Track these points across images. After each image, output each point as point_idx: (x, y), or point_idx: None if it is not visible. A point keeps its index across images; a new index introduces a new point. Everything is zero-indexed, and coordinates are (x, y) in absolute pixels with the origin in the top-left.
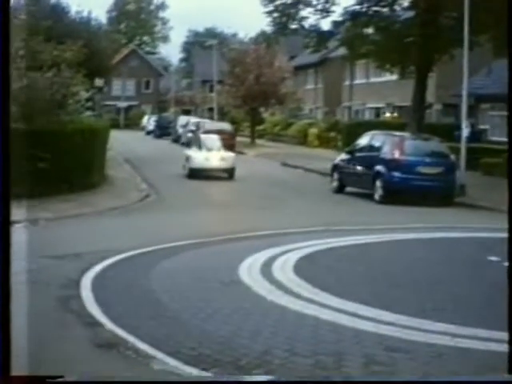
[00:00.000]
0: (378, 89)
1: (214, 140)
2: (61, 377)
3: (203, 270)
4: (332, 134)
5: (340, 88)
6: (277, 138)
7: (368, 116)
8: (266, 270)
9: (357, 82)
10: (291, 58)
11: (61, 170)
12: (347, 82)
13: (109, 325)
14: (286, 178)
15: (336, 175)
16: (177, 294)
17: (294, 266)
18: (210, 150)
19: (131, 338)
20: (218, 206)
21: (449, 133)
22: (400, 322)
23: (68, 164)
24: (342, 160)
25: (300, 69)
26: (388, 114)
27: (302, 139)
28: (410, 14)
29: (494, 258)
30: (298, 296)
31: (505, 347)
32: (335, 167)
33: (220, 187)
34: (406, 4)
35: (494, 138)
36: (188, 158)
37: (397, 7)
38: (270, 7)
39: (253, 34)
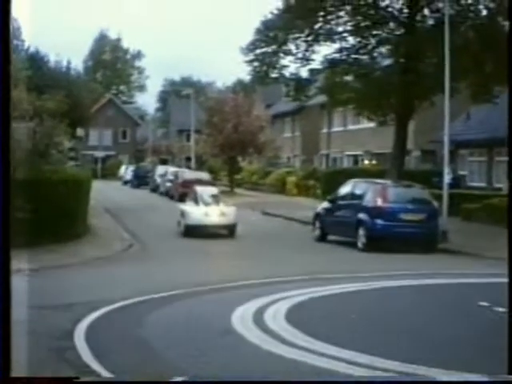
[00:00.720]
0: (356, 136)
1: (212, 193)
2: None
3: (196, 320)
4: (310, 182)
5: (317, 136)
6: (255, 187)
7: (346, 163)
8: (259, 319)
9: (334, 129)
10: (268, 106)
11: (45, 219)
12: (325, 130)
13: (105, 375)
14: (267, 227)
15: (318, 223)
16: (172, 343)
17: (285, 314)
18: (208, 204)
19: None
20: (202, 255)
21: (427, 179)
22: (394, 367)
23: (53, 214)
24: (324, 208)
25: (277, 117)
26: (367, 162)
27: (281, 188)
28: (390, 61)
29: (484, 304)
30: (292, 345)
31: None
32: (317, 215)
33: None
34: (385, 51)
35: (473, 184)
36: (183, 214)
37: (376, 55)
38: (251, 56)
39: (229, 82)
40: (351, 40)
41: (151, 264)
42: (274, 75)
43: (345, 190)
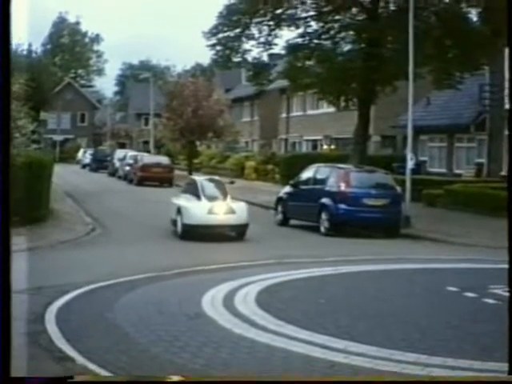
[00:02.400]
0: (315, 121)
1: (217, 185)
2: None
3: (166, 304)
4: (269, 167)
5: (276, 120)
6: (214, 171)
7: (305, 148)
8: (229, 302)
9: (293, 114)
10: (227, 90)
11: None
12: (284, 115)
13: (80, 359)
14: None
15: (280, 208)
16: (144, 327)
17: (255, 299)
18: (212, 198)
19: (104, 372)
20: (164, 239)
21: (388, 164)
22: (370, 352)
23: (17, 197)
24: (287, 193)
25: (236, 101)
26: (325, 146)
27: (239, 172)
28: (353, 46)
29: (453, 289)
30: (264, 329)
31: (473, 374)
32: (279, 200)
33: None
34: (348, 37)
35: (433, 170)
36: (180, 211)
37: (339, 40)
38: (213, 40)
39: (188, 66)
40: (314, 25)
41: (116, 248)
42: (236, 59)
43: (307, 174)
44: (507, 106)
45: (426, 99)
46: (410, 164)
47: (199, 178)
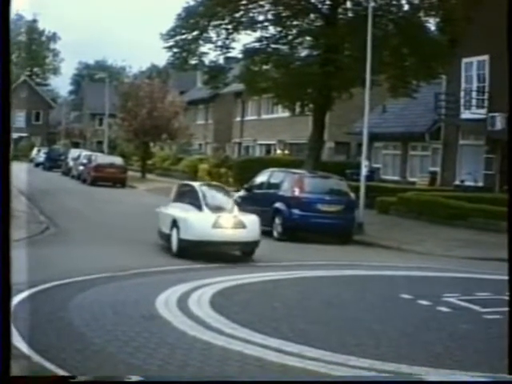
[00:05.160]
0: (270, 125)
1: (221, 193)
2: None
3: (121, 304)
4: (222, 170)
5: (231, 124)
6: (167, 173)
7: (258, 152)
8: (183, 304)
9: (248, 118)
10: (182, 92)
11: None
12: (238, 118)
13: (35, 357)
14: None
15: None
16: (99, 327)
17: (210, 301)
18: (217, 209)
19: (60, 372)
20: (119, 238)
21: (341, 171)
22: (325, 357)
23: None
24: (241, 196)
25: (191, 104)
26: (279, 151)
27: (193, 174)
28: (310, 51)
29: (407, 296)
30: (219, 331)
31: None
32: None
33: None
34: (306, 42)
35: (387, 177)
36: (177, 224)
37: (296, 45)
38: (171, 42)
39: (144, 68)
40: (272, 30)
41: (70, 247)
42: (192, 62)
43: (261, 178)
44: (464, 116)
45: (382, 107)
46: (364, 171)
47: (197, 184)
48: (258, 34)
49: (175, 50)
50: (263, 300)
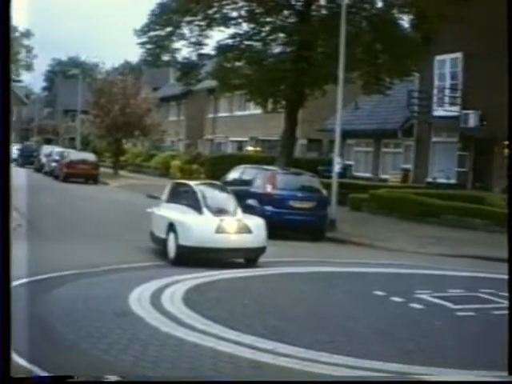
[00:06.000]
0: (242, 122)
1: (222, 194)
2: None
3: (94, 301)
4: (194, 167)
5: (203, 121)
6: (139, 169)
7: (230, 149)
8: (156, 301)
9: (220, 115)
10: (154, 89)
11: None
12: (210, 115)
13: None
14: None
15: None
16: (71, 323)
17: (182, 297)
18: (219, 212)
19: (34, 368)
20: (94, 235)
21: (313, 168)
22: (298, 354)
23: None
24: None
25: (163, 100)
26: (251, 148)
27: (165, 171)
28: (283, 48)
29: (380, 293)
30: (192, 328)
31: (401, 378)
32: None
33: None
34: (279, 39)
35: (359, 174)
36: (175, 228)
37: (270, 42)
38: (144, 38)
39: (117, 64)
40: (245, 26)
41: (44, 244)
42: (165, 58)
43: (234, 175)
44: (436, 113)
45: (355, 104)
46: (336, 168)
47: (195, 183)
48: (231, 30)
49: (148, 46)
50: (235, 297)
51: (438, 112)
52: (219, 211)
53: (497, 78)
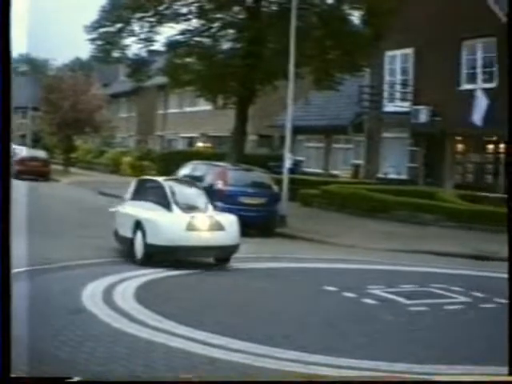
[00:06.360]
0: (192, 118)
1: (192, 189)
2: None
3: (46, 298)
4: (145, 163)
5: (153, 117)
6: (90, 166)
7: (181, 145)
8: (108, 297)
9: (170, 111)
10: (105, 85)
11: None
12: (161, 112)
13: None
14: (105, 206)
15: None
16: (25, 320)
17: (134, 294)
18: (189, 208)
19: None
20: (43, 234)
21: (264, 163)
22: (251, 349)
23: None
24: None
25: (113, 97)
26: (201, 144)
27: (116, 167)
28: (234, 44)
29: (331, 288)
30: (143, 324)
31: (355, 373)
32: None
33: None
34: (229, 35)
35: (310, 170)
36: (142, 226)
37: (220, 38)
38: (94, 35)
39: (67, 61)
40: (195, 22)
41: None
42: (116, 55)
43: (184, 171)
44: (387, 109)
45: (305, 99)
46: (287, 163)
47: (162, 178)
48: (181, 26)
49: (99, 42)
50: (187, 293)
51: (389, 107)
52: (189, 208)
53: (447, 73)
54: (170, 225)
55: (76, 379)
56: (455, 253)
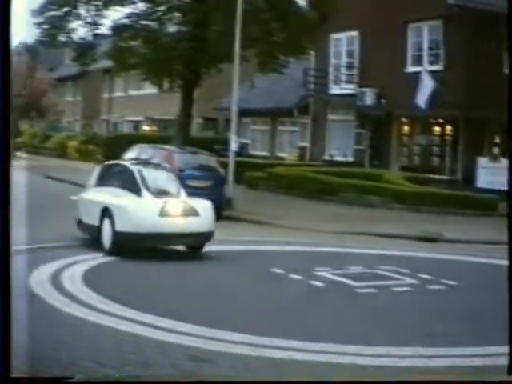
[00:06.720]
0: (138, 102)
1: (162, 173)
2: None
3: None
4: (91, 147)
5: (99, 101)
6: (36, 151)
7: (127, 129)
8: (56, 281)
9: (116, 94)
10: (50, 69)
11: None
12: (106, 95)
13: None
14: (52, 191)
15: None
16: None
17: (82, 277)
18: (160, 194)
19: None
20: None
21: (209, 146)
22: (198, 332)
23: None
24: None
25: (59, 81)
26: (147, 127)
27: (62, 152)
28: (180, 27)
29: (278, 271)
30: (92, 308)
31: (301, 355)
32: None
33: None
34: (175, 18)
35: (256, 153)
36: (110, 212)
37: (166, 21)
38: (40, 19)
39: (13, 45)
40: (141, 5)
41: None
42: (62, 39)
43: (131, 155)
44: (333, 91)
45: (251, 82)
46: (233, 146)
47: (130, 163)
48: (127, 10)
49: (45, 26)
50: (135, 277)
51: (335, 90)
52: (161, 192)
53: (393, 56)
54: (140, 210)
55: (76, 379)
56: (402, 235)
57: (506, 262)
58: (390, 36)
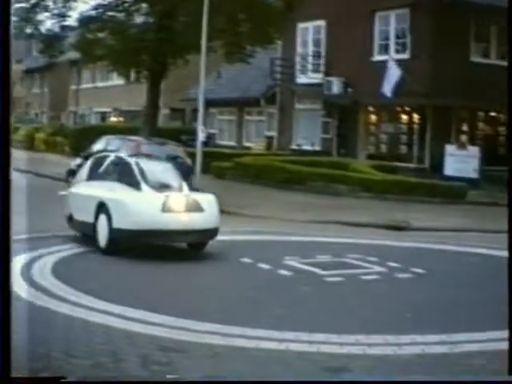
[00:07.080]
0: (105, 93)
1: (164, 168)
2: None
3: None
4: (58, 139)
5: (66, 92)
6: None
7: (94, 121)
8: (26, 274)
9: (83, 86)
10: (18, 61)
11: None
12: (73, 87)
13: None
14: (19, 183)
15: (72, 180)
16: None
17: (52, 269)
18: (161, 188)
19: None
20: None
21: (177, 137)
22: (168, 322)
23: None
24: (78, 165)
25: (27, 73)
26: (114, 119)
27: (29, 144)
28: (146, 18)
29: (247, 260)
30: (63, 299)
31: (270, 344)
32: (71, 172)
33: None
34: (142, 9)
35: (223, 143)
36: (107, 208)
37: (133, 12)
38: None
39: None
40: None
41: None
42: (29, 31)
43: (98, 146)
44: (299, 80)
45: (217, 73)
46: (200, 137)
47: (126, 154)
48: (94, 1)
49: (13, 18)
50: (105, 268)
51: (301, 79)
52: (162, 186)
53: (360, 44)
54: (140, 206)
55: (77, 379)
56: (370, 223)
57: (473, 250)
58: (356, 25)
